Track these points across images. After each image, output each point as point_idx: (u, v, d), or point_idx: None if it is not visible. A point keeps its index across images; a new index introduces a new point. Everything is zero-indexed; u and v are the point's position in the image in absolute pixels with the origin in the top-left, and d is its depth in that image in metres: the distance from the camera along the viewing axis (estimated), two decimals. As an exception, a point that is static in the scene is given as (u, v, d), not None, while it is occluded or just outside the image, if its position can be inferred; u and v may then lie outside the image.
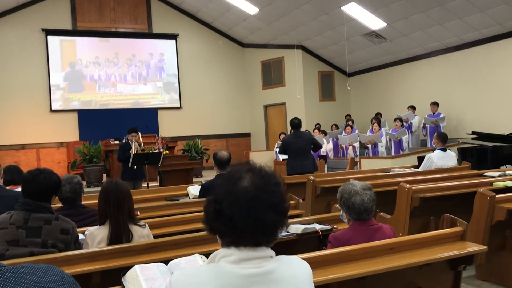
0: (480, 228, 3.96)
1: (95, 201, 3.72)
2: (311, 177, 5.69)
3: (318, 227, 3.26)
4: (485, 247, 2.64)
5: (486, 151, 7.87)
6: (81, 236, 3.04)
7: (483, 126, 10.19)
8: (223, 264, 1.30)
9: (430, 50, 12.39)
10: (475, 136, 8.76)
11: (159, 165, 8.63)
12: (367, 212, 2.58)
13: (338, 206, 3.22)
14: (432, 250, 2.59)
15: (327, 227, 3.29)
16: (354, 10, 11.90)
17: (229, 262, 1.30)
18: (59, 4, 14.15)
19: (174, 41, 15.64)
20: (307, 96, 14.95)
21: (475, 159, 7.69)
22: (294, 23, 13.38)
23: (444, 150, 6.56)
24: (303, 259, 1.46)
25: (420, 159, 7.35)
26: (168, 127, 15.05)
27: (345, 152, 11.67)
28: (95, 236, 2.89)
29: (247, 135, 16.74)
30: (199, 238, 2.97)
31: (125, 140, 8.50)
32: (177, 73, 15.65)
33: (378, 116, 12.58)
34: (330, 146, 12.22)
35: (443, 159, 6.48)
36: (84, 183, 10.61)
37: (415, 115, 11.85)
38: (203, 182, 5.05)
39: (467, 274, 4.20)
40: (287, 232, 3.14)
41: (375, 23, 12.11)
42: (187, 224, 3.69)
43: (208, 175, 12.38)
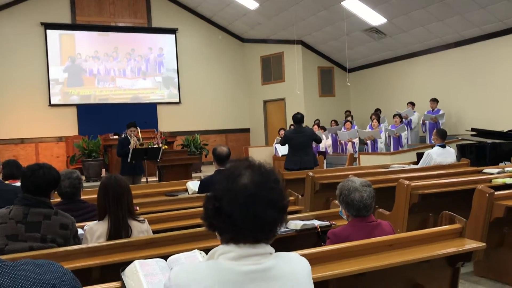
0: (478, 225, 3.97)
1: (94, 196, 3.72)
2: (310, 173, 5.68)
3: (317, 223, 3.26)
4: (483, 244, 2.64)
5: (485, 148, 7.86)
6: (80, 231, 3.04)
7: (483, 123, 10.19)
8: (222, 260, 1.31)
9: (430, 46, 12.38)
10: (474, 132, 8.75)
11: (158, 160, 8.63)
12: (366, 208, 2.59)
13: (337, 202, 3.23)
14: (431, 247, 2.60)
15: (326, 223, 3.29)
16: (354, 6, 11.87)
17: (228, 259, 1.30)
18: (58, -2, 14.12)
19: (174, 35, 15.60)
20: (306, 92, 14.93)
21: (474, 155, 7.68)
22: (294, 18, 13.35)
23: (443, 146, 6.56)
24: (302, 256, 1.47)
25: (419, 156, 7.34)
26: (167, 122, 15.03)
27: (344, 148, 11.68)
28: (94, 231, 2.89)
29: (246, 130, 16.73)
30: (198, 233, 2.97)
31: (124, 135, 8.49)
32: (176, 68, 15.62)
33: (378, 112, 12.59)
34: (329, 142, 12.23)
35: (442, 155, 6.49)
36: (83, 178, 10.61)
37: (415, 112, 11.85)
38: (202, 177, 5.06)
39: (465, 271, 4.21)
40: (286, 228, 3.15)
41: (375, 18, 12.09)
42: (186, 219, 3.69)
43: (207, 171, 12.39)
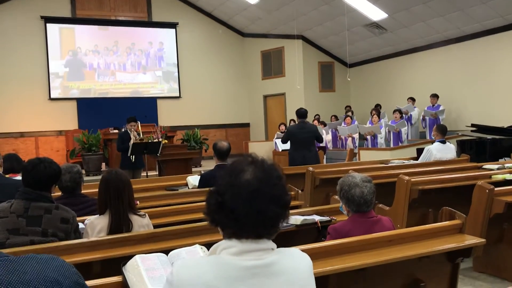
0: (478, 221, 3.98)
1: (94, 190, 3.73)
2: (310, 168, 5.69)
3: (317, 218, 3.27)
4: (483, 240, 2.65)
5: (485, 144, 7.87)
6: (81, 225, 3.05)
7: (483, 119, 10.19)
8: (224, 255, 1.31)
9: (431, 42, 12.34)
10: (474, 128, 8.76)
11: (158, 154, 8.63)
12: (367, 204, 2.60)
13: (337, 198, 3.23)
14: (431, 243, 2.61)
15: (326, 218, 3.30)
16: (355, 0, 11.83)
17: (230, 254, 1.31)
18: (58, -9, 14.07)
19: (174, 30, 15.56)
20: (307, 87, 14.92)
21: (474, 151, 7.69)
22: (294, 13, 13.31)
23: (443, 142, 6.56)
24: (303, 251, 1.48)
25: (419, 151, 7.34)
26: (167, 117, 15.03)
27: (344, 143, 11.67)
28: (95, 226, 2.90)
29: (246, 125, 16.72)
30: (199, 228, 2.98)
31: (124, 130, 8.49)
32: (176, 62, 15.59)
33: (378, 107, 12.58)
34: (329, 137, 12.23)
35: (442, 151, 6.48)
36: (83, 172, 10.61)
37: (415, 107, 11.84)
38: (203, 172, 5.06)
39: (464, 266, 4.21)
40: (286, 223, 3.15)
41: (376, 13, 12.05)
42: (187, 214, 3.70)
43: (207, 165, 12.39)
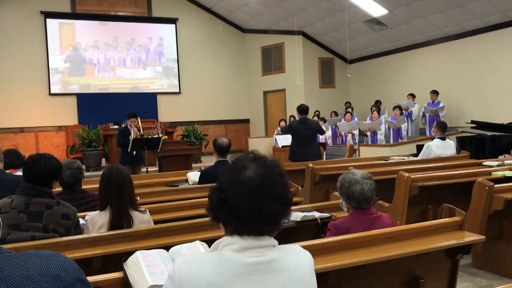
0: (477, 217, 3.99)
1: (94, 185, 3.74)
2: (310, 164, 5.70)
3: (317, 215, 3.27)
4: (483, 237, 2.66)
5: (485, 141, 7.86)
6: (81, 221, 3.06)
7: (483, 115, 10.19)
8: (226, 252, 1.32)
9: (431, 38, 12.33)
10: (474, 125, 8.75)
11: (158, 150, 8.63)
12: (367, 201, 2.60)
13: (337, 194, 3.24)
14: (430, 239, 2.61)
15: (326, 215, 3.30)
16: (355, -3, 11.82)
17: (232, 250, 1.31)
18: (58, -14, 14.03)
19: (174, 25, 15.52)
20: (307, 83, 14.91)
21: (473, 148, 7.69)
22: (294, 8, 13.27)
23: (443, 139, 6.56)
24: (303, 247, 1.49)
25: (419, 148, 7.35)
26: (167, 112, 15.02)
27: (344, 139, 11.68)
28: (95, 221, 2.91)
29: (246, 121, 16.72)
30: (199, 224, 2.98)
31: (124, 125, 8.49)
32: (176, 58, 15.57)
33: (378, 104, 12.58)
34: (329, 133, 12.23)
35: (442, 148, 6.49)
36: (83, 167, 10.61)
37: (415, 103, 11.84)
38: (203, 168, 5.06)
39: (463, 263, 4.23)
40: (288, 220, 3.16)
41: (376, 10, 12.02)
42: (187, 210, 3.70)
43: (207, 161, 12.40)
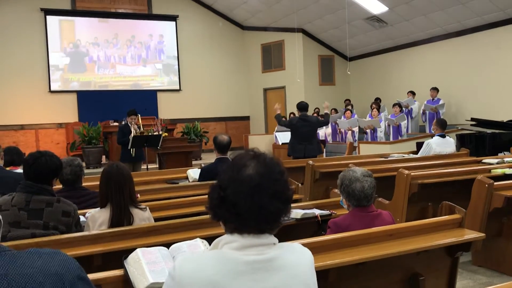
0: (477, 215, 3.99)
1: (94, 182, 3.75)
2: (310, 161, 5.70)
3: (317, 212, 3.28)
4: (482, 235, 2.66)
5: (484, 138, 7.87)
6: (81, 218, 3.06)
7: (482, 113, 10.19)
8: (226, 250, 1.32)
9: (432, 35, 12.30)
10: (474, 122, 8.76)
11: (158, 147, 8.64)
12: (367, 198, 2.61)
13: (337, 191, 3.24)
14: (430, 237, 2.62)
15: (326, 212, 3.31)
16: (355, -6, 11.80)
17: (232, 249, 1.31)
18: (57, -17, 13.99)
19: (174, 22, 15.49)
20: (307, 80, 14.89)
21: (473, 145, 7.70)
22: (294, 6, 13.25)
23: (443, 136, 6.56)
24: (304, 245, 1.49)
25: (419, 145, 7.35)
26: (167, 110, 15.00)
27: (344, 136, 11.67)
28: (96, 219, 2.91)
29: (246, 118, 16.71)
30: (200, 221, 2.99)
31: (124, 122, 8.49)
32: (176, 55, 15.55)
33: (378, 101, 12.57)
34: (329, 130, 12.23)
35: (441, 145, 6.49)
36: (83, 165, 10.62)
37: (415, 101, 11.83)
38: (203, 165, 5.07)
39: (463, 260, 4.22)
40: (288, 217, 3.16)
41: (376, 7, 12.01)
42: (187, 207, 3.71)
43: (207, 158, 12.40)
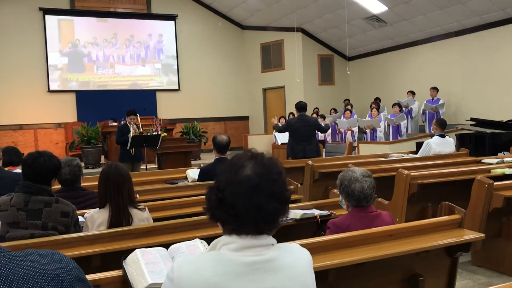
0: (477, 215, 3.99)
1: (93, 183, 3.73)
2: (310, 161, 5.70)
3: (316, 212, 3.27)
4: (482, 235, 2.66)
5: (484, 138, 7.87)
6: (80, 219, 3.05)
7: (482, 113, 10.19)
8: (224, 251, 1.31)
9: (431, 35, 12.30)
10: (473, 122, 8.76)
11: (157, 147, 8.63)
12: (367, 199, 2.60)
13: (336, 192, 3.24)
14: (430, 237, 2.61)
15: (325, 212, 3.30)
16: (355, -7, 11.79)
17: (230, 250, 1.31)
18: (56, -17, 13.98)
19: (173, 22, 15.49)
20: (306, 80, 14.88)
21: (473, 145, 7.70)
22: (294, 5, 13.24)
23: (442, 136, 6.56)
24: (302, 245, 1.48)
25: (419, 145, 7.35)
26: (166, 109, 15.00)
27: (343, 136, 11.67)
28: (95, 219, 2.90)
29: (246, 118, 16.70)
30: (199, 222, 2.99)
31: (123, 122, 8.48)
32: (175, 54, 15.54)
33: (377, 101, 12.57)
34: (328, 130, 12.22)
35: (441, 145, 6.49)
36: (82, 165, 10.60)
37: (415, 101, 11.82)
38: (202, 165, 5.06)
39: (462, 260, 4.23)
40: (286, 218, 3.15)
41: (376, 6, 12.00)
42: (187, 207, 3.70)
43: (206, 158, 12.40)
